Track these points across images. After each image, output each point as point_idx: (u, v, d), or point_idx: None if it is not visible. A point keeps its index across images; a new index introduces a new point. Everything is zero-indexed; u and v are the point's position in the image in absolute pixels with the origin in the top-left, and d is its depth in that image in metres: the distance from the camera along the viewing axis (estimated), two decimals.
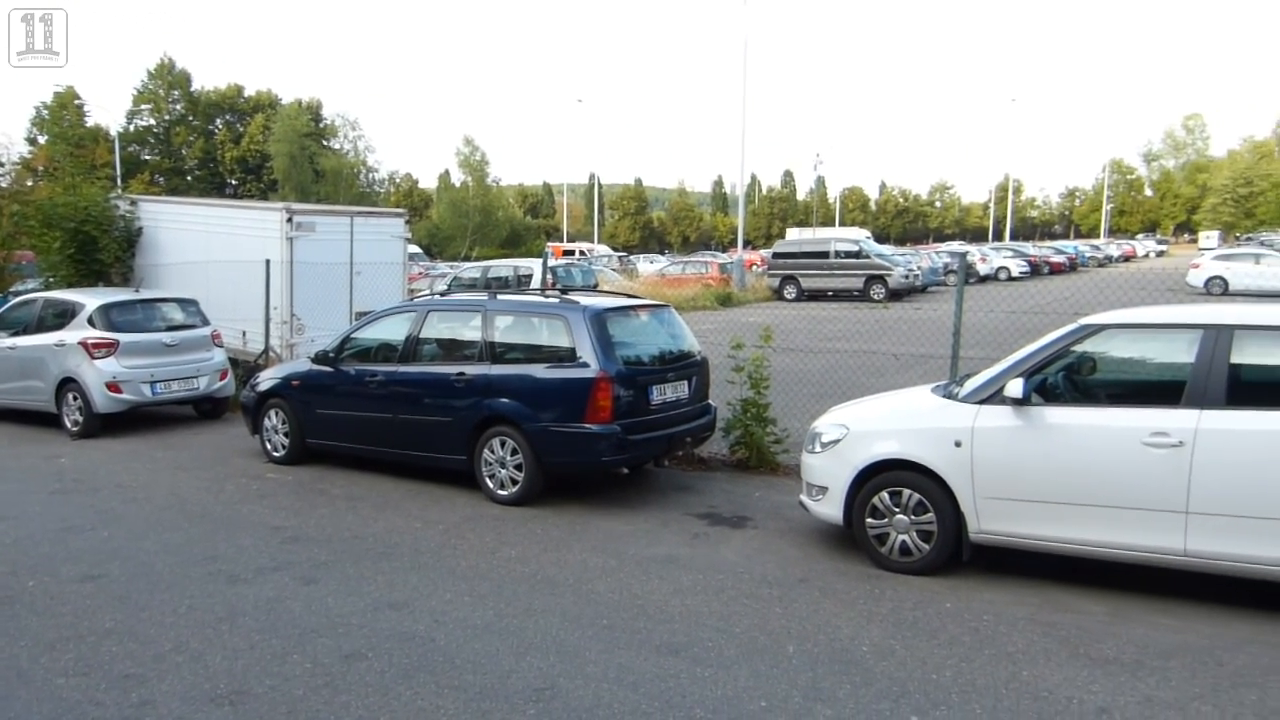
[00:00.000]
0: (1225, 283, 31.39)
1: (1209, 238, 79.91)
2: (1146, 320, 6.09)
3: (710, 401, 8.87)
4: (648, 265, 49.37)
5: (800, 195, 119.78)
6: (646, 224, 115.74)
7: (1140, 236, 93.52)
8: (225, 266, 13.99)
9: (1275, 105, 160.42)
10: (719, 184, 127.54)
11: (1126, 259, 65.23)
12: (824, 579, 6.11)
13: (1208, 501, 5.26)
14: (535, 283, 20.37)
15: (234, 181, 76.56)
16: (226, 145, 76.38)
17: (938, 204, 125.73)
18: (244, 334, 13.95)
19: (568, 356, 7.79)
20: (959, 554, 6.07)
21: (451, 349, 8.62)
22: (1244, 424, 5.26)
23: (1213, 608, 5.50)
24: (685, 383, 8.36)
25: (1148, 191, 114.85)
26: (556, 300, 8.37)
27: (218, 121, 77.96)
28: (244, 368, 13.19)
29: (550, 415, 7.73)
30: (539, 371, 7.91)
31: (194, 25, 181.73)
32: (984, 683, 4.60)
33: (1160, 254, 74.95)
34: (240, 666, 4.86)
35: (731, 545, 6.85)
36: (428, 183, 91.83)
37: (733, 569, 6.32)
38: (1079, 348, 5.98)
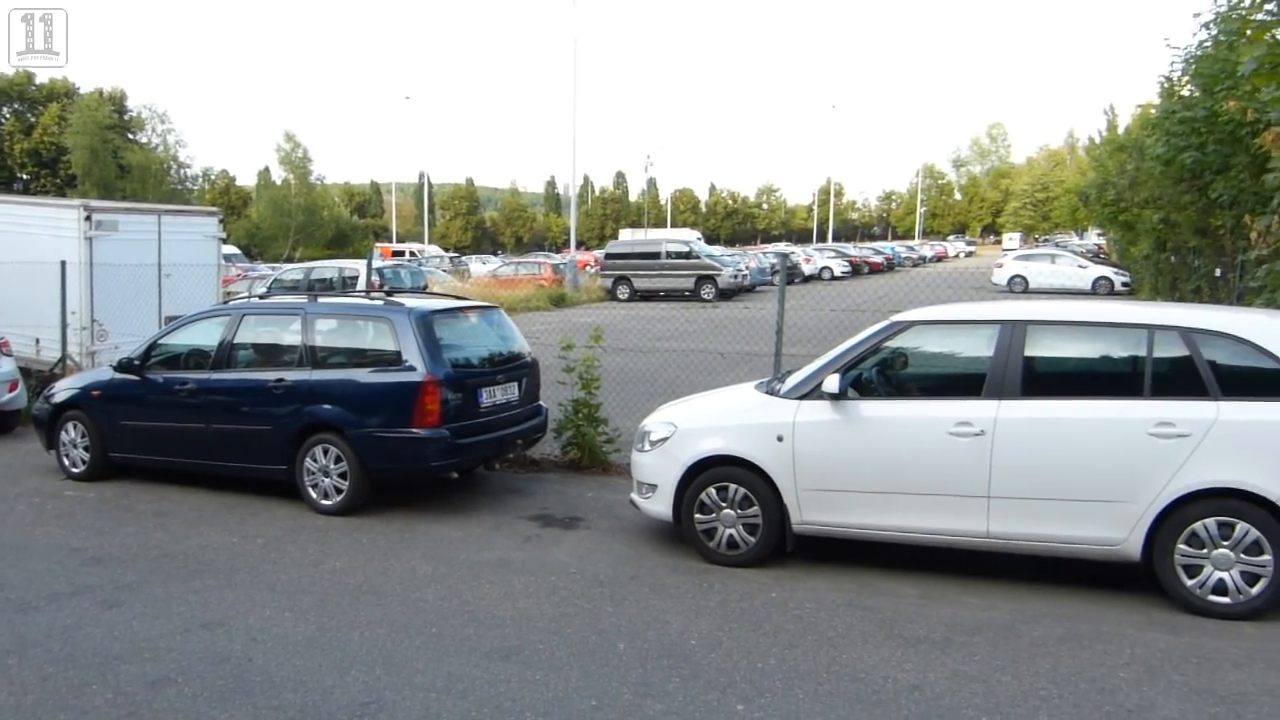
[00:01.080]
0: (1025, 281, 33.86)
1: (1012, 239, 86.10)
2: (950, 316, 6.46)
3: (541, 403, 8.83)
4: (480, 266, 48.79)
5: (633, 196, 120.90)
6: (479, 224, 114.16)
7: (951, 238, 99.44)
8: (14, 268, 12.90)
9: (1067, 117, 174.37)
10: (552, 184, 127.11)
11: (939, 259, 69.29)
12: (655, 575, 6.19)
13: (1006, 486, 5.63)
14: (361, 284, 19.77)
15: (25, 176, 70.41)
16: (16, 137, 70.12)
17: (765, 206, 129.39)
18: (37, 341, 12.91)
19: (393, 360, 7.58)
20: (784, 545, 6.27)
21: (270, 354, 8.23)
22: (1037, 412, 5.65)
23: (1014, 585, 5.90)
24: (515, 384, 8.29)
25: (957, 195, 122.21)
26: (381, 302, 8.14)
27: (5, 111, 71.63)
28: (38, 378, 12.18)
29: (376, 421, 7.50)
30: (363, 376, 7.67)
31: None
32: (806, 668, 4.76)
33: (970, 254, 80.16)
34: (30, 702, 4.47)
35: (564, 546, 6.84)
36: (246, 180, 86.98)
37: (565, 570, 6.31)
38: (890, 343, 6.28)
